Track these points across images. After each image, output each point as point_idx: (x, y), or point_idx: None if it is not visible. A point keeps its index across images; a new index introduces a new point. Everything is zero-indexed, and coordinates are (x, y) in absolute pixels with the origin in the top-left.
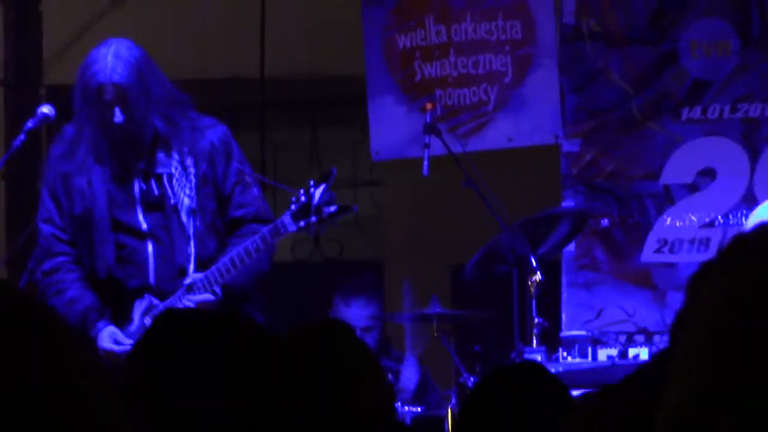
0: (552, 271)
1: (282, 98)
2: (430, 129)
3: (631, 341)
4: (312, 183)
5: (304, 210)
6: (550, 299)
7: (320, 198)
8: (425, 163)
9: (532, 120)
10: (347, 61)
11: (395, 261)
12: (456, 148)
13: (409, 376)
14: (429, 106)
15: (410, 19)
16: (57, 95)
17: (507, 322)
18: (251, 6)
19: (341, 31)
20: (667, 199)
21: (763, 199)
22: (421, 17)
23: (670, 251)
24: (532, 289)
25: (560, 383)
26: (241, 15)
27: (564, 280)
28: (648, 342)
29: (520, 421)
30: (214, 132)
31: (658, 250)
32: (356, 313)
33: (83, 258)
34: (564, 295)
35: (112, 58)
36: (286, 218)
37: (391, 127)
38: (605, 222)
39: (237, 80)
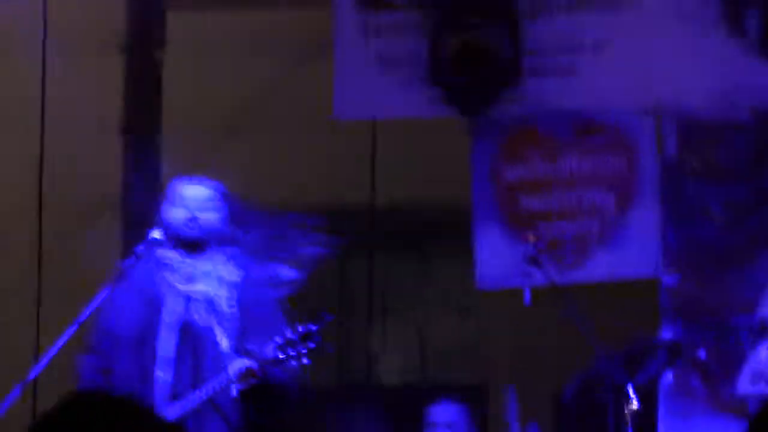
0: (649, 400)
1: (390, 227)
2: (533, 260)
3: None
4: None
5: (290, 343)
6: (647, 428)
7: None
8: (527, 292)
9: (632, 254)
10: (455, 192)
11: (498, 387)
12: (558, 279)
13: None
14: (532, 238)
15: (518, 153)
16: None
17: None
18: (363, 135)
19: (450, 160)
20: (762, 331)
21: None
22: (529, 151)
23: (766, 383)
24: (629, 418)
25: None
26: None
27: (661, 408)
28: None
29: None
30: None
31: (753, 381)
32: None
33: None
34: (661, 425)
35: None
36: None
37: (496, 257)
38: (702, 353)
39: (346, 207)
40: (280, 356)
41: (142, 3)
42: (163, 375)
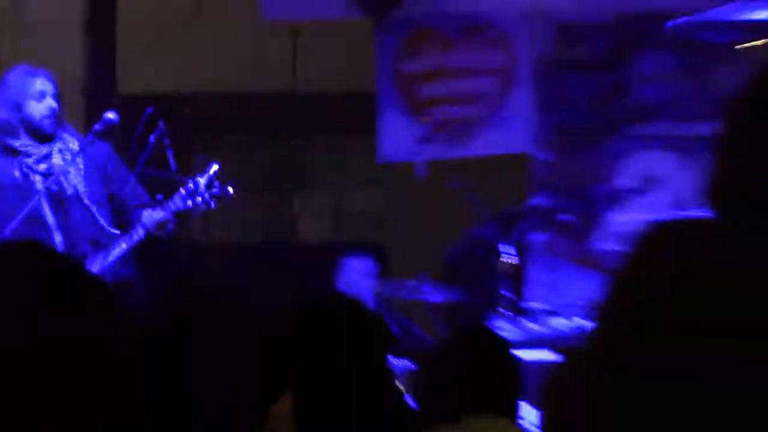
0: (521, 256)
1: (309, 111)
2: (426, 139)
3: (581, 314)
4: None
5: (193, 193)
6: (517, 279)
7: (205, 185)
8: (419, 166)
9: (511, 134)
10: (364, 82)
11: (400, 246)
12: (448, 155)
13: None
14: (426, 119)
15: (415, 49)
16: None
17: (482, 296)
18: (289, 33)
19: (360, 56)
20: (614, 198)
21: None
22: (424, 47)
23: (616, 241)
24: (502, 271)
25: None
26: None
27: (530, 262)
28: None
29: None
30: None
31: (606, 240)
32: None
33: None
34: (529, 277)
35: None
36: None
37: (397, 136)
38: (566, 217)
39: (272, 92)
40: (190, 204)
41: None
42: (60, 240)
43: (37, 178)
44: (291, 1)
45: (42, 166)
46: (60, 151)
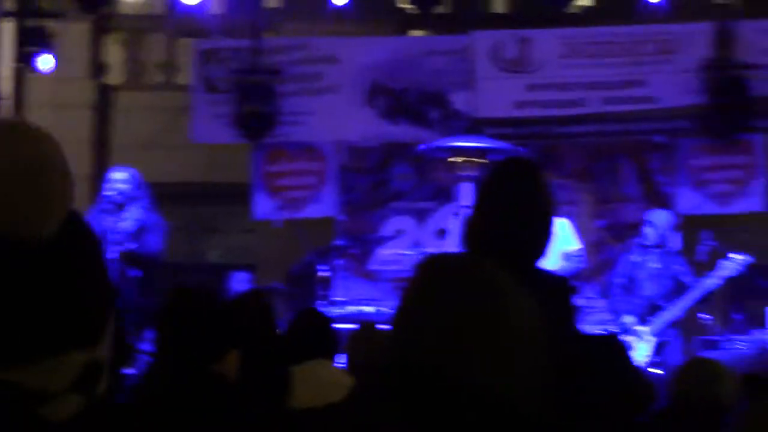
0: (332, 271)
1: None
2: (280, 208)
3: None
4: None
5: None
6: (328, 287)
7: None
8: (279, 222)
9: (325, 205)
10: (244, 177)
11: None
12: (292, 216)
13: None
14: (279, 197)
15: (274, 159)
16: None
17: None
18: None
19: (241, 161)
20: (382, 242)
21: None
22: (279, 158)
23: (393, 263)
24: (320, 282)
25: None
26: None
27: (335, 275)
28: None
29: None
30: None
31: (381, 264)
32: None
33: None
34: (335, 283)
35: None
36: None
37: (263, 208)
38: (354, 250)
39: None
40: None
41: None
42: None
43: None
44: (208, 132)
45: None
46: None
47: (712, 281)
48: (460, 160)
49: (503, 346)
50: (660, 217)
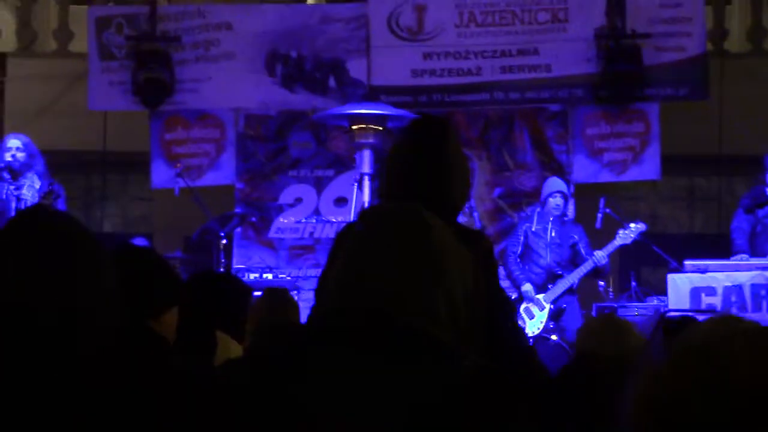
0: (229, 238)
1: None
2: (179, 175)
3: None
4: None
5: None
6: (228, 251)
7: None
8: (176, 190)
9: (224, 172)
10: (145, 146)
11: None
12: (190, 185)
13: None
14: (178, 165)
15: (171, 126)
16: None
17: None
18: (99, 119)
19: (142, 129)
20: (281, 210)
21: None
22: (177, 125)
23: (282, 232)
24: (221, 248)
25: None
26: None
27: (235, 243)
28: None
29: None
30: None
31: (275, 232)
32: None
33: None
34: (235, 251)
35: None
36: None
37: (160, 176)
38: (254, 218)
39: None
40: None
41: None
42: None
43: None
44: (105, 100)
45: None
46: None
47: (608, 249)
48: (356, 128)
49: (444, 290)
50: (558, 185)
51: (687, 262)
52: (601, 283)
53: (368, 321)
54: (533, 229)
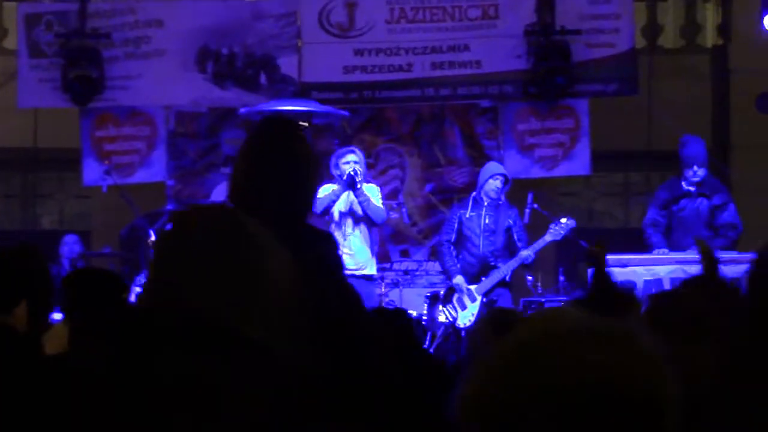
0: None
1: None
2: (107, 173)
3: None
4: None
5: None
6: None
7: None
8: (104, 188)
9: (154, 170)
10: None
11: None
12: (119, 182)
13: None
14: (107, 162)
15: (102, 124)
16: None
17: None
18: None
19: (72, 124)
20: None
21: None
22: (106, 123)
23: None
24: (150, 244)
25: None
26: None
27: None
28: None
29: None
30: None
31: None
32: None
33: None
34: None
35: None
36: None
37: (90, 172)
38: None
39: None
40: None
41: None
42: None
43: None
44: (35, 97)
45: None
46: None
47: (537, 245)
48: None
49: (260, 297)
50: (499, 168)
51: (608, 257)
52: (530, 277)
53: (183, 321)
54: (467, 216)
